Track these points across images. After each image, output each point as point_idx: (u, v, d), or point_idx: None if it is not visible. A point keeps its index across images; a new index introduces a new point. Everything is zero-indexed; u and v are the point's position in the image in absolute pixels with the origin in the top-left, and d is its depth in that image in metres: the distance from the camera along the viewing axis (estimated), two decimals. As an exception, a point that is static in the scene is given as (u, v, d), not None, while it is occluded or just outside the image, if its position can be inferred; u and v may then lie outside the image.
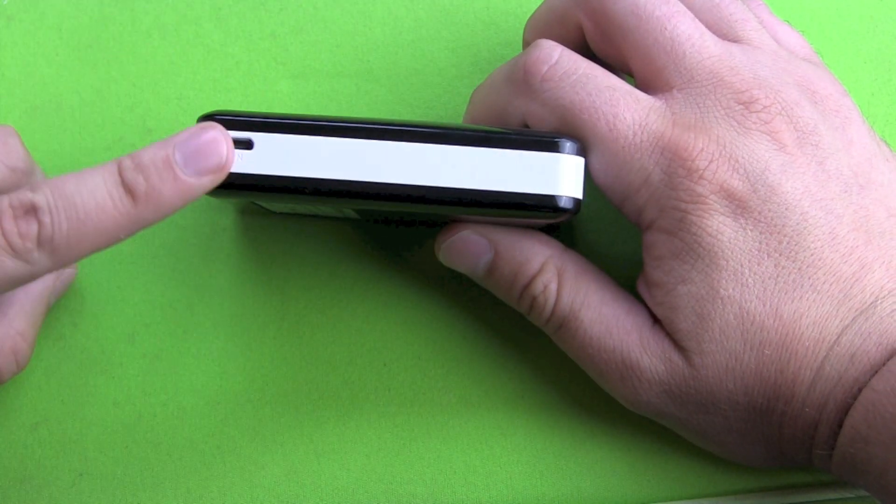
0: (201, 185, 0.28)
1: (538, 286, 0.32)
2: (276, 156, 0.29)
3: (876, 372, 0.29)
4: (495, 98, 0.32)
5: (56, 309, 0.35)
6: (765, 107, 0.30)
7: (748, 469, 0.34)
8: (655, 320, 0.31)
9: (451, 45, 0.38)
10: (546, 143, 0.29)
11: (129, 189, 0.27)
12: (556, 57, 0.31)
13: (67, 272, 0.35)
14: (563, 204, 0.29)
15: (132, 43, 0.39)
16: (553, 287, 0.32)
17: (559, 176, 0.29)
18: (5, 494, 0.34)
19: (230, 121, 0.29)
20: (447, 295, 0.36)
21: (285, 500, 0.34)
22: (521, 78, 0.31)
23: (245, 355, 0.35)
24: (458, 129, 0.29)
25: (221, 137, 0.28)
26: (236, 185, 0.29)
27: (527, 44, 0.35)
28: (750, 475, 0.34)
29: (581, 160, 0.30)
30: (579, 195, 0.30)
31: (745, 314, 0.30)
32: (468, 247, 0.32)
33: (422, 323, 0.36)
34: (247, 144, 0.29)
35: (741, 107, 0.30)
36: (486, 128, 0.30)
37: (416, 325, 0.36)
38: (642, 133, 0.30)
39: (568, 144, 0.29)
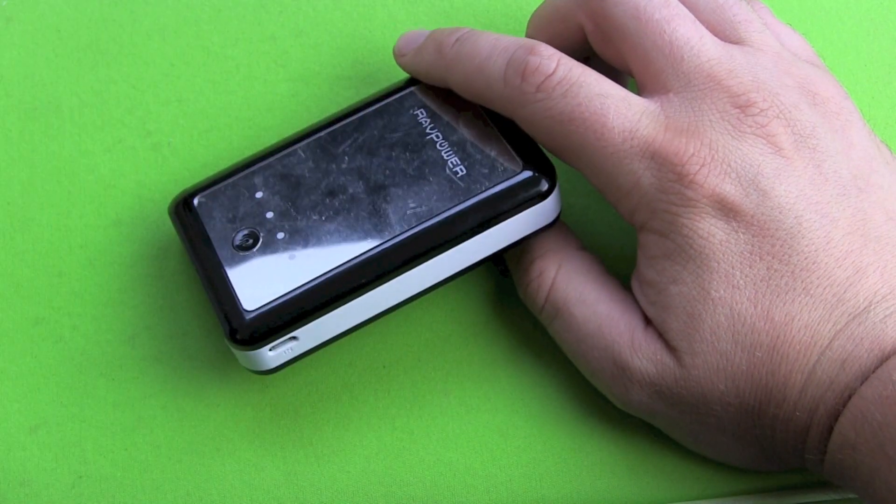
0: None
1: (535, 271, 0.33)
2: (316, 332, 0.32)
3: (866, 378, 0.28)
4: (486, 86, 0.32)
5: (55, 311, 0.35)
6: (762, 110, 0.30)
7: (746, 471, 0.34)
8: (649, 322, 0.31)
9: (451, 47, 0.38)
10: (531, 199, 0.32)
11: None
12: (553, 66, 0.31)
13: None
14: (555, 219, 0.33)
15: (132, 44, 0.39)
16: (549, 275, 0.32)
17: (551, 209, 0.33)
18: (4, 497, 0.33)
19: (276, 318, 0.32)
20: (447, 297, 0.36)
21: (285, 503, 0.34)
22: (517, 84, 0.31)
23: (244, 358, 0.35)
24: (462, 225, 0.32)
25: None
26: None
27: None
28: (748, 477, 0.34)
29: (556, 186, 0.33)
30: (559, 207, 0.33)
31: (736, 315, 0.30)
32: None
33: (421, 325, 0.36)
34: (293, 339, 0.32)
35: (737, 110, 0.30)
36: (478, 200, 0.32)
37: (415, 328, 0.36)
38: (632, 139, 0.30)
39: (546, 185, 0.32)
